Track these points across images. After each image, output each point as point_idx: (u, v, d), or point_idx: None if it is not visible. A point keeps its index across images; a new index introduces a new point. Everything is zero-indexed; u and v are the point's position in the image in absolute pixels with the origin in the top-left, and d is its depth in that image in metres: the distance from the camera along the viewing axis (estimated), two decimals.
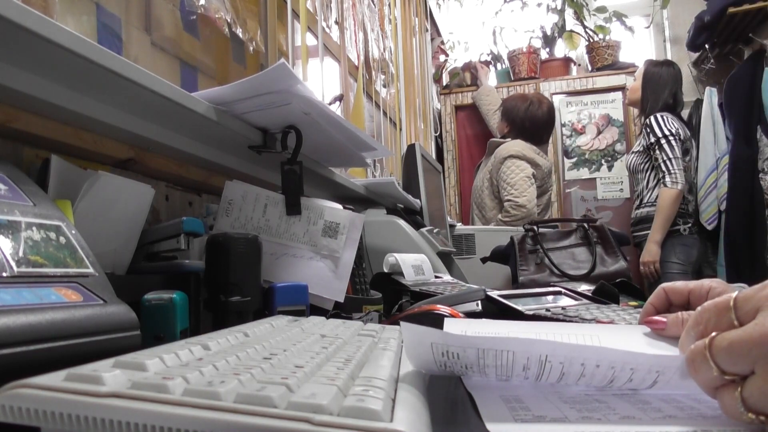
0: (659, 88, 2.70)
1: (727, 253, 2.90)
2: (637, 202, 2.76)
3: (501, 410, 0.34)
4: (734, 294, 0.34)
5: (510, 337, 0.36)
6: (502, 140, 2.69)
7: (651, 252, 2.59)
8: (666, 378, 0.36)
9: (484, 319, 0.58)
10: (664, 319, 0.45)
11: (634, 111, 3.35)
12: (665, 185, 2.55)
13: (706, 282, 0.47)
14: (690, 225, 2.66)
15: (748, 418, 0.30)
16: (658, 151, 2.58)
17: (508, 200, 2.50)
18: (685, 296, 0.48)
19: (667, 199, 2.54)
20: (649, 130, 2.62)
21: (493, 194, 2.62)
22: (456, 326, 0.51)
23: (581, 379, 0.37)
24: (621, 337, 0.48)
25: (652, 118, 2.63)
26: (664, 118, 2.61)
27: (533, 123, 2.64)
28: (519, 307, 0.76)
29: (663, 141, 2.57)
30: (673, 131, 2.57)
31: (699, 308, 0.36)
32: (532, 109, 2.65)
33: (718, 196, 2.93)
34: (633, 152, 2.79)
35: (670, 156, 2.55)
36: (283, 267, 0.84)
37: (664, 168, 2.56)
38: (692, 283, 0.48)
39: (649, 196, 2.68)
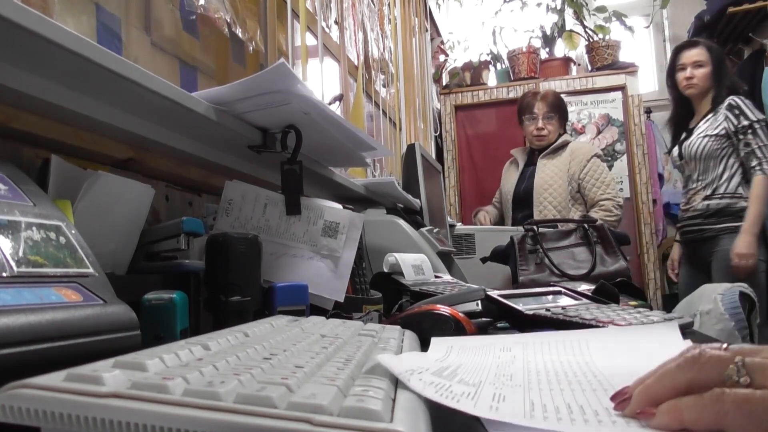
0: (727, 69, 2.44)
1: None
2: (707, 192, 2.37)
3: None
4: (729, 353, 0.29)
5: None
6: (569, 138, 2.63)
7: (750, 244, 2.22)
8: None
9: (469, 337, 0.58)
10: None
11: (634, 111, 3.36)
12: (764, 173, 2.25)
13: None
14: None
15: None
16: (751, 136, 2.28)
17: (609, 199, 2.43)
18: None
19: (765, 188, 2.25)
20: (738, 112, 2.30)
21: (571, 193, 2.48)
22: (441, 345, 0.51)
23: None
24: (611, 352, 0.47)
25: (737, 99, 2.32)
26: (747, 102, 2.33)
27: None
28: (519, 307, 0.76)
29: (756, 125, 2.28)
30: (761, 116, 2.30)
31: (688, 355, 0.31)
32: None
33: None
34: (706, 135, 2.36)
35: (765, 142, 2.27)
36: (283, 267, 0.84)
37: (760, 154, 2.27)
38: None
39: (727, 187, 2.33)
